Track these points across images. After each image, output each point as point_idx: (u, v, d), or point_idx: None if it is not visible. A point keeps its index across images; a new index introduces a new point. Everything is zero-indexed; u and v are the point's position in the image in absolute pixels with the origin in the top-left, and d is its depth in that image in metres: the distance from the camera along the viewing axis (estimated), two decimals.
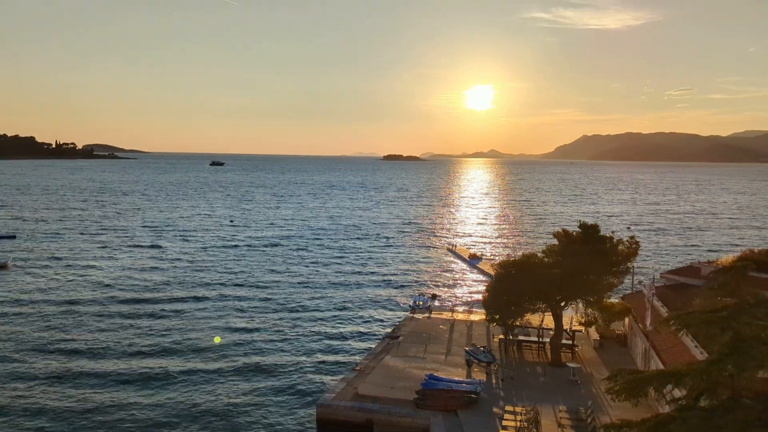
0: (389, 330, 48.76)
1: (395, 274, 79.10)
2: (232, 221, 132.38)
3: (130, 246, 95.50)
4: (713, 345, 19.04)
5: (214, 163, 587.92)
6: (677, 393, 18.63)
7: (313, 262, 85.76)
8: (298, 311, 59.45)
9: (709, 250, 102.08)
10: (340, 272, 79.43)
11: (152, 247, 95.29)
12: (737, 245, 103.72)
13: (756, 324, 17.28)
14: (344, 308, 61.06)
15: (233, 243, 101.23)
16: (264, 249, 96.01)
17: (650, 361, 34.33)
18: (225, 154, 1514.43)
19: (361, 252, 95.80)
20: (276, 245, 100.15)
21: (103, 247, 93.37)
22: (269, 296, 64.96)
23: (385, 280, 75.13)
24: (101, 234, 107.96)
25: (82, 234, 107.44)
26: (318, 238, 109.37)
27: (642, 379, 17.64)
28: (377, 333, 52.24)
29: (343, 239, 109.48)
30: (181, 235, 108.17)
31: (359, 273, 79.34)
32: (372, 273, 79.56)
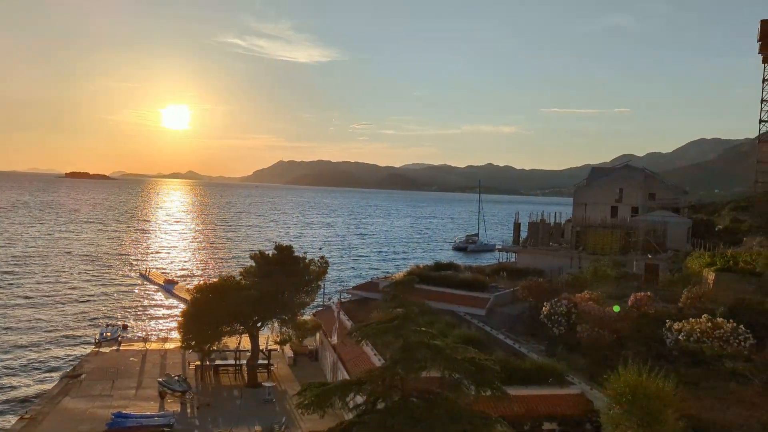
0: (69, 369, 43.43)
1: (78, 305, 70.70)
2: None
3: None
4: (389, 352, 21.57)
5: None
6: (359, 399, 20.55)
7: None
8: None
9: (387, 264, 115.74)
10: (5, 307, 67.71)
11: None
12: (408, 261, 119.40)
13: (420, 330, 20.08)
14: (9, 350, 52.16)
15: None
16: None
17: (338, 373, 37.15)
18: None
19: (35, 282, 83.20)
20: None
21: None
22: None
23: (65, 313, 66.50)
24: None
25: None
26: None
27: (328, 390, 19.00)
28: (54, 373, 45.94)
29: (13, 267, 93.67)
30: None
31: (32, 306, 68.77)
32: (49, 305, 69.66)
